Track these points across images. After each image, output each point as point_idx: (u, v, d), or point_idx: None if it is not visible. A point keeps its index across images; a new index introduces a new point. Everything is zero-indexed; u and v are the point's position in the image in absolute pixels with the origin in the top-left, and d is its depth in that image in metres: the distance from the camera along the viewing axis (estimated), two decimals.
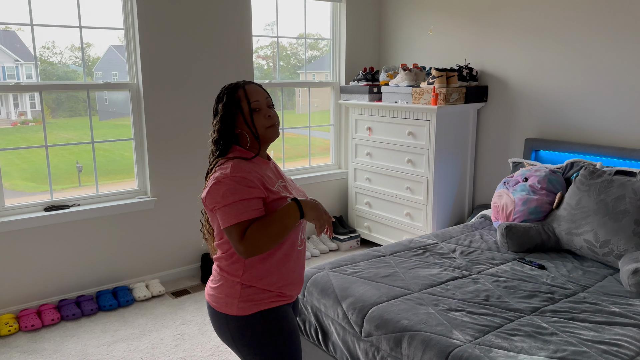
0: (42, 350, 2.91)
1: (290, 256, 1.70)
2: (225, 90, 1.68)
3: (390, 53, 4.72)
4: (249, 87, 1.67)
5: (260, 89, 1.70)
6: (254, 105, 1.65)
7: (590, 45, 3.34)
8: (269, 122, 1.67)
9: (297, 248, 1.73)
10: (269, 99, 1.71)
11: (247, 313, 1.63)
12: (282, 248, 1.67)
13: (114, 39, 3.56)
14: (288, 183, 1.77)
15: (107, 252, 3.56)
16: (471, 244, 2.99)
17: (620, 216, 2.56)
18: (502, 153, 3.95)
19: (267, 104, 1.69)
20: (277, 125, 1.71)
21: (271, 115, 1.68)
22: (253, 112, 1.65)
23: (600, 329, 1.99)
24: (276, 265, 1.67)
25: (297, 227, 1.69)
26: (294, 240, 1.71)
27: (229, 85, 1.69)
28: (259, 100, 1.66)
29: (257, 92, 1.68)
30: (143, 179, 3.69)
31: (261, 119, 1.66)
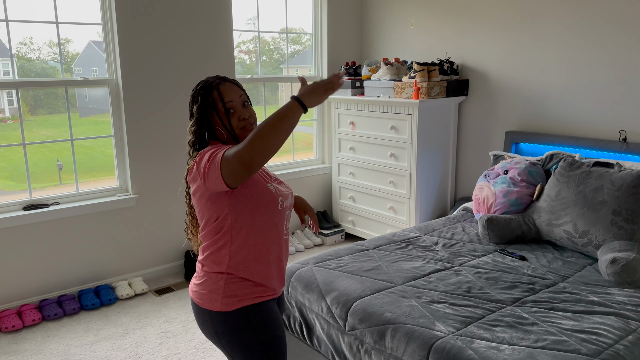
0: (24, 351, 2.87)
1: (276, 244, 1.69)
2: (200, 90, 1.65)
3: (372, 47, 4.72)
4: (223, 87, 1.64)
5: (235, 86, 1.67)
6: (229, 106, 1.63)
7: (569, 39, 3.38)
8: (242, 124, 1.64)
9: (283, 237, 1.72)
10: (244, 96, 1.68)
11: (231, 309, 1.62)
12: (269, 236, 1.66)
13: (94, 34, 3.51)
14: (268, 174, 1.77)
15: (89, 251, 3.52)
16: (453, 237, 3.02)
17: (599, 207, 2.60)
18: (483, 146, 3.98)
19: (243, 101, 1.66)
20: (253, 124, 1.67)
21: (245, 117, 1.64)
22: (228, 112, 1.63)
23: (580, 318, 2.03)
24: (263, 252, 1.65)
25: (282, 215, 1.68)
26: (280, 228, 1.70)
27: (203, 84, 1.66)
28: (233, 100, 1.63)
29: (231, 91, 1.64)
30: (124, 176, 3.65)
31: (235, 121, 1.63)
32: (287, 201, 1.72)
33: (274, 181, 1.73)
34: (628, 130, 3.16)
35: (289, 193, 1.74)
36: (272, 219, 1.66)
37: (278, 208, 1.66)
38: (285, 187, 1.76)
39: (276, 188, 1.68)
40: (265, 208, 1.63)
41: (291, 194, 1.77)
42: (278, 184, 1.73)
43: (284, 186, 1.76)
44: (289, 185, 1.81)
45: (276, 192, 1.66)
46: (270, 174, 1.78)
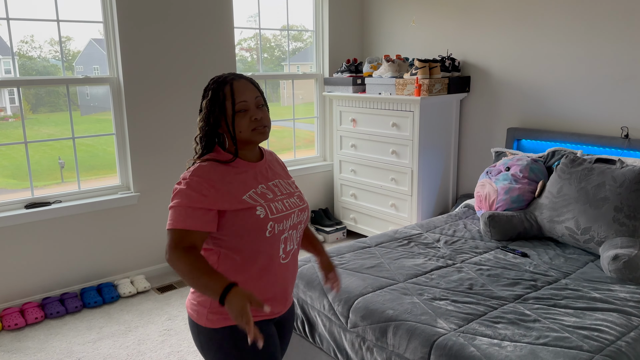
0: (26, 349, 2.88)
1: (268, 270, 1.55)
2: (212, 85, 1.54)
3: (374, 44, 4.72)
4: (237, 84, 1.52)
5: (251, 85, 1.55)
6: (240, 106, 1.50)
7: (571, 35, 3.36)
8: (254, 125, 1.52)
9: (279, 262, 1.56)
10: (260, 97, 1.55)
11: (216, 326, 1.52)
12: (256, 262, 1.53)
13: (95, 32, 3.50)
14: (277, 187, 1.60)
15: (91, 249, 3.52)
16: (455, 234, 3.01)
17: (601, 203, 2.60)
18: (484, 143, 3.98)
19: (257, 103, 1.53)
20: (266, 127, 1.55)
21: (258, 117, 1.51)
22: (237, 113, 1.50)
23: (582, 314, 2.03)
24: (252, 278, 1.53)
25: (273, 241, 1.52)
26: (272, 254, 1.54)
27: (217, 79, 1.55)
28: (247, 100, 1.51)
29: (246, 90, 1.52)
30: (125, 174, 3.65)
31: (246, 121, 1.51)
32: (285, 223, 1.55)
33: (278, 198, 1.56)
34: (630, 127, 3.15)
35: (291, 213, 1.57)
36: (258, 246, 1.51)
37: (265, 235, 1.49)
38: (294, 202, 1.60)
39: (271, 210, 1.51)
40: (248, 236, 1.49)
41: (300, 210, 1.61)
42: (285, 199, 1.58)
43: (294, 200, 1.60)
44: (303, 198, 1.66)
45: (266, 217, 1.49)
46: (281, 187, 1.62)
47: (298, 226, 1.61)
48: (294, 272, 1.66)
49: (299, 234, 1.64)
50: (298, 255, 1.68)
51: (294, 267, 1.66)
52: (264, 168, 1.62)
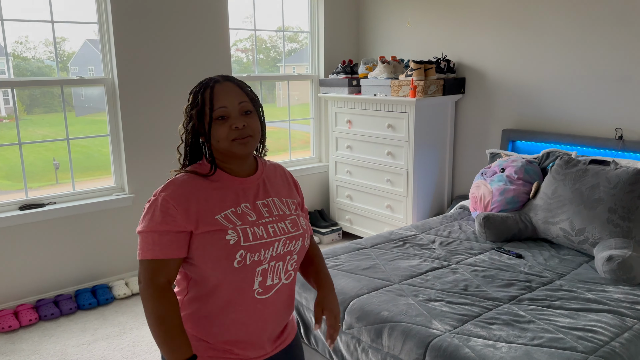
0: (20, 351, 2.86)
1: (237, 305, 1.33)
2: (194, 88, 1.39)
3: (369, 45, 4.72)
4: (218, 88, 1.34)
5: (236, 89, 1.36)
6: (218, 113, 1.32)
7: (566, 37, 3.38)
8: (234, 135, 1.33)
9: (252, 296, 1.34)
10: (246, 103, 1.35)
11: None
12: (219, 293, 1.32)
13: (90, 33, 3.49)
14: (268, 207, 1.39)
15: (86, 251, 3.51)
16: (450, 235, 3.02)
17: (595, 204, 2.61)
18: (480, 144, 3.99)
19: (242, 110, 1.34)
20: (250, 137, 1.35)
21: (239, 126, 1.32)
22: (214, 120, 1.33)
23: (576, 315, 2.03)
24: (217, 312, 1.34)
25: (249, 272, 1.31)
26: (242, 287, 1.32)
27: (201, 82, 1.39)
28: (226, 106, 1.32)
29: (228, 94, 1.34)
30: (120, 175, 3.64)
31: (224, 130, 1.32)
32: (264, 253, 1.32)
33: (262, 221, 1.36)
34: (624, 128, 3.17)
35: (274, 241, 1.35)
36: (224, 277, 1.30)
37: (233, 265, 1.28)
38: (283, 228, 1.38)
39: (245, 236, 1.30)
40: (213, 263, 1.29)
41: (290, 239, 1.38)
42: (272, 223, 1.37)
43: (283, 225, 1.38)
44: (298, 223, 1.42)
45: (237, 244, 1.28)
46: (273, 207, 1.41)
47: (286, 257, 1.38)
48: (279, 311, 1.42)
49: (289, 266, 1.40)
50: (291, 292, 1.46)
51: (280, 304, 1.41)
52: (254, 184, 1.42)
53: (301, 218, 1.46)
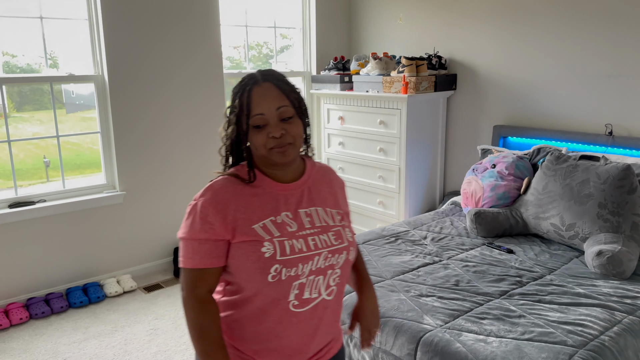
0: (11, 350, 2.84)
1: (270, 315, 1.26)
2: (235, 88, 1.29)
3: (361, 41, 4.72)
4: (256, 92, 1.24)
5: (276, 91, 1.25)
6: (254, 121, 1.24)
7: (556, 33, 3.39)
8: (271, 143, 1.24)
9: (288, 308, 1.26)
10: (286, 108, 1.25)
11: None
12: (252, 302, 1.27)
13: (79, 29, 3.46)
14: (310, 217, 1.31)
15: (76, 248, 3.49)
16: (442, 231, 3.03)
17: (585, 200, 2.63)
18: (471, 140, 4.00)
19: (282, 115, 1.24)
20: (290, 145, 1.26)
21: (276, 135, 1.23)
22: (252, 129, 1.25)
23: (566, 309, 2.05)
24: (250, 320, 1.28)
25: (285, 286, 1.24)
26: (277, 299, 1.25)
27: (241, 81, 1.28)
28: (264, 114, 1.23)
29: (265, 98, 1.23)
30: (111, 173, 3.62)
31: (262, 138, 1.24)
32: (302, 268, 1.24)
33: (302, 233, 1.27)
34: (614, 124, 3.19)
35: (314, 255, 1.26)
36: (259, 290, 1.25)
37: (267, 279, 1.22)
38: (325, 241, 1.29)
39: (282, 249, 1.23)
40: (247, 276, 1.24)
41: (332, 252, 1.29)
42: (313, 235, 1.28)
43: (325, 237, 1.30)
44: (342, 235, 1.33)
45: (272, 258, 1.21)
46: (316, 218, 1.32)
47: (327, 271, 1.28)
48: (318, 327, 1.31)
49: (330, 281, 1.30)
50: (335, 308, 1.35)
51: (318, 320, 1.31)
52: (298, 190, 1.33)
53: (346, 230, 1.36)
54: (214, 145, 4.00)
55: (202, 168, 3.96)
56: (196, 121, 3.86)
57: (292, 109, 1.26)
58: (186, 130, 3.82)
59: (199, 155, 3.92)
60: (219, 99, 3.96)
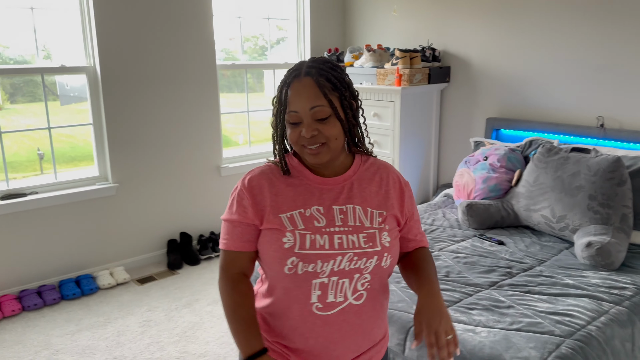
0: (3, 341, 2.85)
1: (294, 314, 1.24)
2: (282, 78, 1.27)
3: (355, 33, 4.71)
4: (295, 87, 1.21)
5: (313, 89, 1.20)
6: (289, 118, 1.22)
7: (549, 26, 3.39)
8: (303, 142, 1.22)
9: (311, 310, 1.22)
10: (320, 108, 1.19)
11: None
12: (276, 295, 1.27)
13: (71, 20, 3.43)
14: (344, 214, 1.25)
15: (69, 241, 3.48)
16: (434, 222, 3.04)
17: (576, 192, 2.64)
18: (464, 132, 4.01)
19: (316, 115, 1.20)
20: (324, 145, 1.22)
21: (307, 135, 1.20)
22: (287, 123, 1.24)
23: (555, 300, 2.06)
24: (278, 314, 1.28)
25: (303, 283, 1.21)
26: (298, 297, 1.22)
27: (287, 72, 1.26)
28: (298, 112, 1.20)
29: (301, 96, 1.20)
30: (103, 165, 3.61)
31: (295, 135, 1.23)
32: (322, 266, 1.19)
33: (329, 230, 1.22)
34: (605, 116, 3.20)
35: (337, 254, 1.20)
36: (279, 282, 1.24)
37: (284, 271, 1.20)
38: (354, 242, 1.22)
39: (302, 243, 1.20)
40: (269, 265, 1.25)
41: (360, 255, 1.22)
42: (341, 234, 1.22)
43: (354, 238, 1.22)
44: (376, 240, 1.24)
45: (290, 250, 1.19)
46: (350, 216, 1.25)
47: (354, 274, 1.21)
48: (349, 335, 1.25)
49: (358, 286, 1.23)
50: (370, 315, 1.27)
51: (349, 327, 1.24)
52: (338, 186, 1.29)
53: (384, 233, 1.25)
54: (208, 137, 3.99)
55: (195, 160, 3.95)
56: (189, 112, 3.85)
57: (329, 108, 1.20)
58: (179, 122, 3.81)
59: (192, 147, 3.92)
60: (212, 90, 3.94)
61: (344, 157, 1.32)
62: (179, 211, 3.93)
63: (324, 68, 1.23)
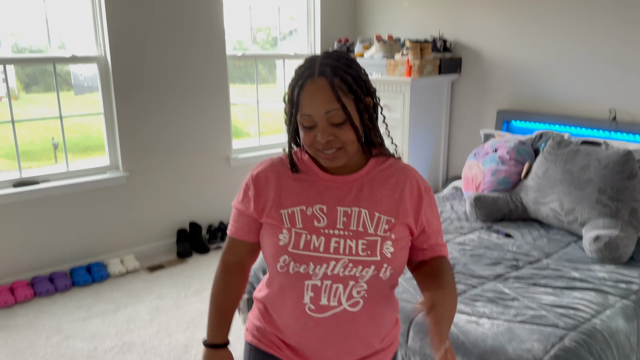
0: (16, 326, 2.91)
1: (289, 311, 1.22)
2: (293, 76, 1.18)
3: (366, 24, 4.68)
4: (307, 89, 1.12)
5: (327, 93, 1.11)
6: (302, 120, 1.15)
7: (562, 18, 3.34)
8: (317, 146, 1.16)
9: (304, 310, 1.19)
10: (335, 112, 1.12)
11: (246, 339, 1.36)
12: (273, 289, 1.27)
13: (84, 9, 3.45)
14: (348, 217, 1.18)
15: (81, 228, 3.53)
16: (441, 214, 3.03)
17: (585, 185, 2.61)
18: (475, 124, 3.98)
19: (331, 120, 1.12)
20: (340, 149, 1.15)
21: (322, 141, 1.13)
22: (300, 125, 1.17)
23: (560, 293, 2.05)
24: (274, 307, 1.28)
25: (296, 282, 1.18)
26: (292, 295, 1.21)
27: (298, 70, 1.17)
28: (312, 115, 1.13)
29: (316, 99, 1.12)
30: (114, 154, 3.64)
31: (309, 139, 1.16)
32: (314, 269, 1.15)
33: (328, 232, 1.17)
34: (618, 109, 3.16)
35: (330, 259, 1.15)
36: (275, 276, 1.25)
37: (277, 268, 1.19)
38: (351, 248, 1.16)
39: (296, 242, 1.16)
40: (267, 259, 1.23)
41: (356, 263, 1.15)
42: (338, 238, 1.16)
43: (352, 244, 1.16)
44: (376, 249, 1.16)
45: (284, 248, 1.17)
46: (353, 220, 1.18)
47: (348, 281, 1.16)
48: (342, 341, 1.21)
49: (354, 293, 1.17)
50: (366, 323, 1.21)
51: (343, 333, 1.20)
52: (347, 185, 1.22)
53: (387, 243, 1.17)
54: (217, 127, 4.01)
55: (205, 150, 3.98)
56: (200, 103, 3.87)
57: (344, 113, 1.12)
58: (189, 112, 3.83)
59: (202, 137, 3.94)
60: (222, 80, 3.96)
61: (359, 157, 1.24)
62: (188, 201, 3.97)
63: (338, 66, 1.13)
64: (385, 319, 1.26)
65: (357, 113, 1.15)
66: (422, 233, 1.26)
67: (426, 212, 1.25)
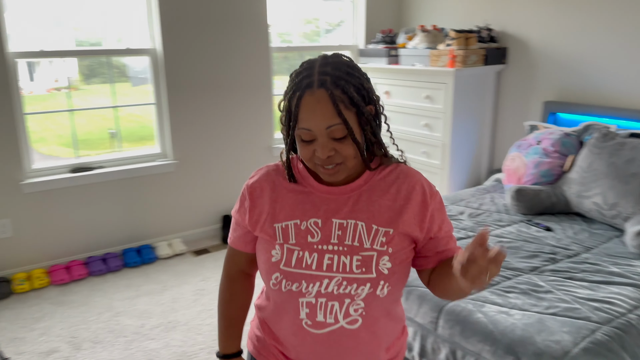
0: (71, 302, 3.11)
1: (286, 325, 1.18)
2: (289, 85, 1.10)
3: (411, 14, 4.65)
4: (306, 102, 1.05)
5: (328, 106, 1.04)
6: (300, 134, 1.08)
7: (612, 5, 3.22)
8: (316, 161, 1.10)
9: (301, 325, 1.14)
10: (337, 127, 1.05)
11: (247, 347, 1.34)
12: (269, 302, 1.23)
13: (138, 3, 3.61)
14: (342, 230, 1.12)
15: (132, 213, 3.72)
16: (481, 207, 3.01)
17: (630, 179, 2.54)
18: (520, 116, 3.90)
19: (332, 135, 1.06)
20: (342, 164, 1.10)
21: (322, 156, 1.07)
22: (298, 138, 1.10)
23: (597, 287, 2.02)
24: (272, 320, 1.24)
25: (290, 299, 1.14)
26: (287, 310, 1.16)
27: (296, 77, 1.09)
28: (312, 130, 1.06)
29: (315, 113, 1.04)
30: (165, 142, 3.81)
31: (308, 153, 1.09)
32: (307, 287, 1.11)
33: (321, 248, 1.12)
34: None
35: (322, 277, 1.10)
36: (269, 291, 1.21)
37: (270, 286, 1.16)
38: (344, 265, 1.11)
39: (288, 259, 1.12)
40: (261, 274, 1.21)
41: (350, 280, 1.10)
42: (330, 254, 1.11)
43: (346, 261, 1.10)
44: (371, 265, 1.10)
45: (275, 265, 1.13)
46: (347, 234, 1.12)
47: (344, 299, 1.10)
48: (340, 355, 1.16)
49: (351, 311, 1.11)
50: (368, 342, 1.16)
51: (342, 350, 1.15)
52: (344, 196, 1.16)
53: (384, 258, 1.10)
54: (263, 118, 4.11)
55: (251, 141, 4.09)
56: (244, 94, 3.98)
57: (345, 127, 1.06)
58: (234, 103, 3.95)
59: (248, 128, 4.05)
60: (265, 72, 4.05)
61: (358, 165, 1.17)
62: (233, 188, 4.09)
63: (339, 75, 1.06)
64: (388, 333, 1.21)
65: (358, 127, 1.10)
66: (431, 239, 1.18)
67: (433, 217, 1.17)
